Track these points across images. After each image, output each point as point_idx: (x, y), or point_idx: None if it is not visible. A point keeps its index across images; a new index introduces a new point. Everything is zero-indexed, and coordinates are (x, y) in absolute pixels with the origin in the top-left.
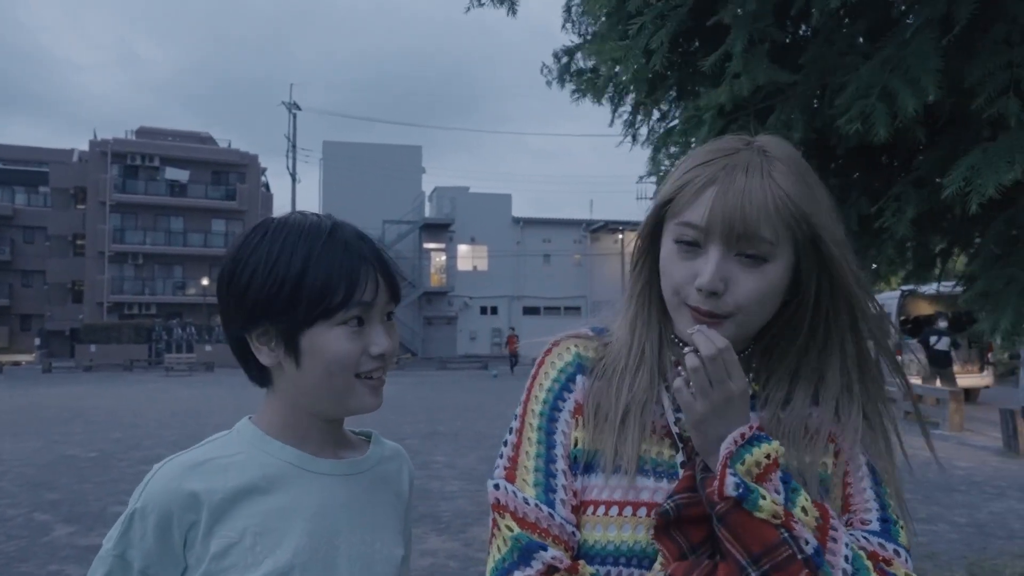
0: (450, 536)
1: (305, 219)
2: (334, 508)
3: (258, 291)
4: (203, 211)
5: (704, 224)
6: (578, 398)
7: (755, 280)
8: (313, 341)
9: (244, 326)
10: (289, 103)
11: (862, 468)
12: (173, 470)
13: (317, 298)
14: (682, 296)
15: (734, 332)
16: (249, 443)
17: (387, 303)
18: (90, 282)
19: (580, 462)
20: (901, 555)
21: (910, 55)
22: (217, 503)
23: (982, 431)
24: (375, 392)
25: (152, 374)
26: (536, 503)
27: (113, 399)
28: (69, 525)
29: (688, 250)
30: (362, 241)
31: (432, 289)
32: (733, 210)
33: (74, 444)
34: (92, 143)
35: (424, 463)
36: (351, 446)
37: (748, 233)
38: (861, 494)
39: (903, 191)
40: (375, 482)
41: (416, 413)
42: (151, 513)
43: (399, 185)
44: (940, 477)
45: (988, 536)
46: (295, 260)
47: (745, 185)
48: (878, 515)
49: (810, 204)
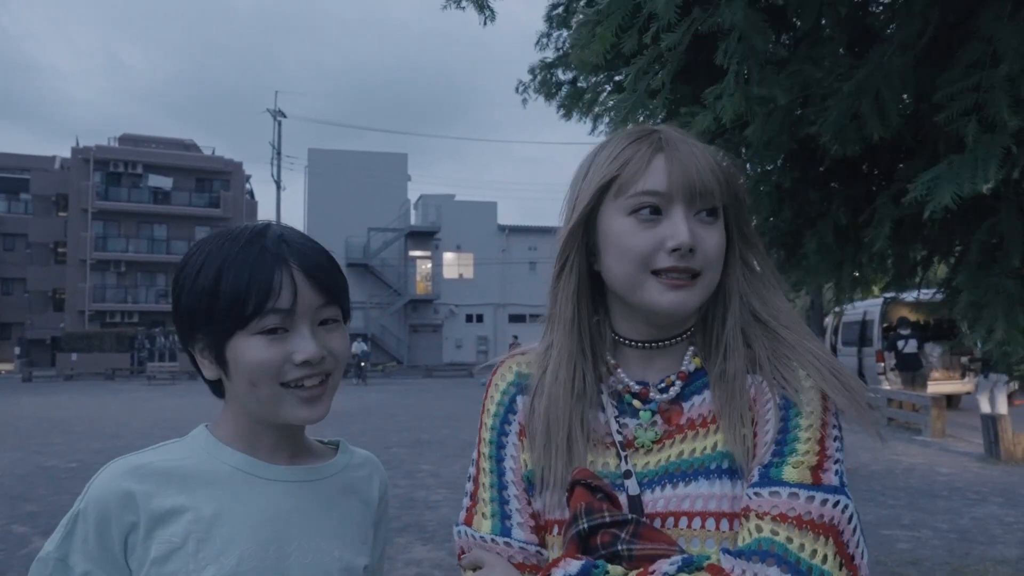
0: (435, 545)
1: (239, 228)
2: (285, 514)
3: (186, 304)
4: (187, 219)
5: (666, 188)
6: (521, 420)
7: (715, 235)
8: (235, 351)
9: (185, 340)
10: (274, 110)
11: (768, 420)
12: (115, 471)
13: (229, 307)
14: (649, 265)
15: (703, 294)
16: (201, 448)
17: (319, 308)
18: (71, 290)
19: (535, 483)
20: (783, 493)
21: (881, 80)
22: (157, 506)
23: (964, 437)
24: (308, 403)
25: (134, 383)
26: (492, 537)
27: (94, 409)
28: (47, 537)
29: (649, 218)
30: (284, 245)
31: (418, 297)
32: (689, 171)
33: (53, 455)
34: (74, 150)
35: (409, 472)
36: (313, 454)
37: (707, 190)
38: (761, 450)
39: (883, 204)
40: (337, 489)
41: (402, 421)
42: (92, 514)
43: (385, 193)
44: (923, 483)
45: (970, 542)
46: (210, 270)
47: (691, 150)
48: (765, 460)
49: (730, 166)
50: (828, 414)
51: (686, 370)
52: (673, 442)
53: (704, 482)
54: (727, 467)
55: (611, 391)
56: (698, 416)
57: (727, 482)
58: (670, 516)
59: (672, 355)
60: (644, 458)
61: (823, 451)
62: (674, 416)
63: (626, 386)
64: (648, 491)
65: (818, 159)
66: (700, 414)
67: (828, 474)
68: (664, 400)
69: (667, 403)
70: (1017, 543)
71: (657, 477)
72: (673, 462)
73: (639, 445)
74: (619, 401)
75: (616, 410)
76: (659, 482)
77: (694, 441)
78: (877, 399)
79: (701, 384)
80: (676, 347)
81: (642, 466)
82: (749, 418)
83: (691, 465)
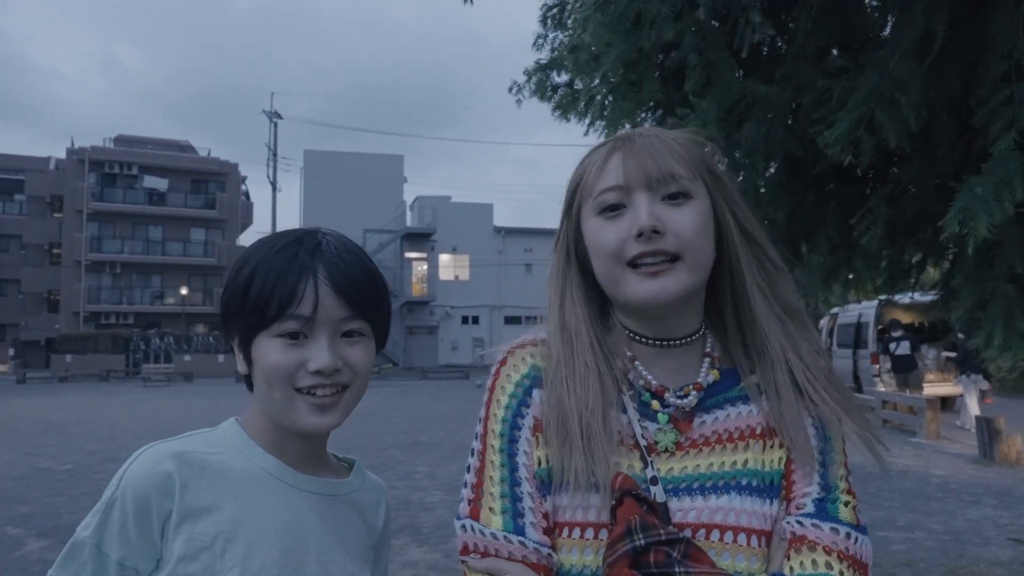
0: (431, 547)
1: (286, 233)
2: (307, 524)
3: (225, 299)
4: (182, 220)
5: (623, 181)
6: (536, 414)
7: (687, 214)
8: (257, 350)
9: (225, 334)
10: (270, 112)
11: (806, 443)
12: (153, 455)
13: (254, 307)
14: (622, 257)
15: (687, 278)
16: (232, 444)
17: (341, 320)
18: (66, 291)
19: (549, 482)
20: (840, 531)
21: (892, 85)
22: (190, 500)
23: (958, 439)
24: (319, 411)
25: (129, 385)
26: (504, 535)
27: (89, 410)
28: (42, 539)
29: (614, 214)
30: (318, 253)
31: (413, 299)
32: (643, 160)
33: (48, 456)
34: (69, 151)
35: (406, 473)
36: (331, 469)
37: (665, 174)
38: (802, 478)
39: (875, 205)
40: (350, 508)
41: (397, 423)
42: (130, 499)
43: (380, 194)
44: (918, 485)
45: (964, 543)
46: (246, 270)
47: (643, 141)
48: (816, 495)
49: (702, 149)
50: (844, 442)
51: (703, 382)
52: (700, 452)
53: (736, 496)
54: (756, 485)
55: (631, 390)
56: (724, 431)
57: (757, 499)
58: (702, 528)
59: (686, 356)
60: (668, 463)
61: (851, 490)
62: (685, 427)
63: (646, 381)
64: (675, 499)
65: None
66: (726, 429)
67: (859, 515)
68: (679, 408)
69: (680, 411)
70: (1011, 544)
71: (684, 486)
72: (703, 473)
73: (661, 449)
74: (639, 402)
75: (638, 412)
76: (687, 492)
77: (723, 455)
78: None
79: (722, 399)
80: (688, 347)
81: (666, 471)
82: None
83: (722, 478)
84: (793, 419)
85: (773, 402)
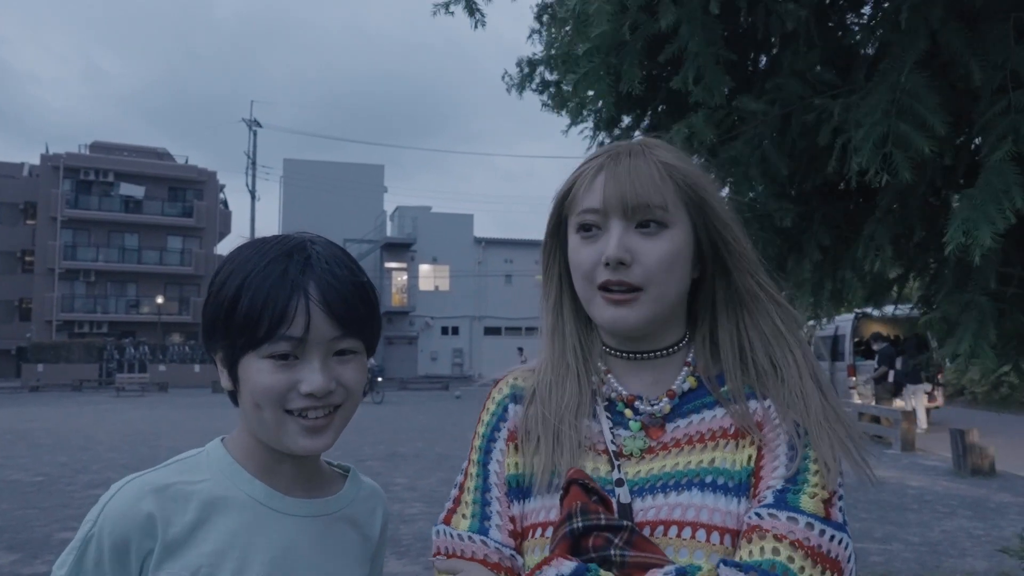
0: (410, 560)
1: (274, 240)
2: (297, 550)
3: (208, 314)
4: (159, 228)
5: (600, 205)
6: (511, 426)
7: (658, 247)
8: (245, 370)
9: (206, 347)
10: (249, 120)
11: (778, 445)
12: (134, 491)
13: (243, 327)
14: (593, 280)
15: (648, 310)
16: (218, 469)
17: (333, 340)
18: (39, 299)
19: (520, 487)
20: (799, 520)
21: (908, 96)
22: (174, 535)
23: (933, 451)
24: (310, 433)
25: (103, 394)
26: (468, 535)
27: (60, 420)
28: (12, 553)
29: (590, 235)
30: (308, 270)
31: (393, 309)
32: (623, 185)
33: (18, 468)
34: (43, 157)
35: (384, 485)
36: (325, 481)
37: (640, 203)
38: (769, 472)
39: (876, 231)
40: (343, 524)
41: (376, 434)
42: (107, 537)
43: (360, 204)
44: (894, 497)
45: (940, 555)
46: (233, 284)
47: (630, 164)
48: (778, 486)
49: (692, 172)
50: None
51: (677, 389)
52: (668, 454)
53: (697, 492)
54: (723, 483)
55: (606, 401)
56: (695, 432)
57: (721, 496)
58: (660, 524)
59: (664, 368)
60: (635, 467)
61: (831, 487)
62: (656, 432)
63: (618, 394)
64: (639, 499)
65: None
66: (698, 431)
67: (835, 510)
68: (650, 414)
69: (651, 418)
70: (986, 555)
71: (648, 486)
72: (667, 472)
73: (628, 453)
74: (613, 412)
75: (611, 421)
76: (650, 491)
77: (690, 455)
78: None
79: (699, 404)
80: (668, 359)
81: (633, 474)
82: (756, 439)
83: (684, 476)
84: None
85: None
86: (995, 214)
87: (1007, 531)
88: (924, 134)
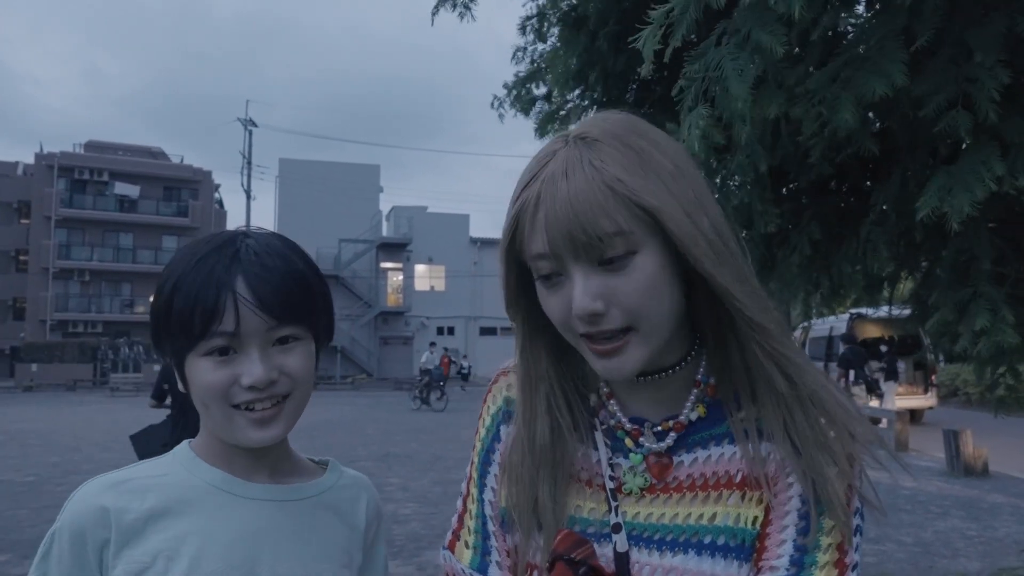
0: (403, 560)
1: (205, 240)
2: (259, 535)
3: (152, 317)
4: (154, 227)
5: (548, 250)
6: (503, 449)
7: (631, 280)
8: (190, 370)
9: (157, 351)
10: (245, 119)
11: (788, 504)
12: (93, 488)
13: (179, 328)
14: (572, 330)
15: (643, 351)
16: (180, 464)
17: (270, 330)
18: (32, 299)
19: (510, 520)
20: None
21: (875, 53)
22: (129, 523)
23: (926, 451)
24: (259, 425)
25: (97, 395)
26: (470, 571)
27: (53, 421)
28: (2, 553)
29: (552, 282)
30: (236, 263)
31: (388, 309)
32: (567, 223)
33: (9, 468)
34: (38, 156)
35: (378, 485)
36: (298, 472)
37: (592, 239)
38: (777, 539)
39: (871, 232)
40: (318, 510)
41: (370, 435)
42: (66, 532)
43: (356, 204)
44: (887, 497)
45: (934, 555)
46: (167, 287)
47: (568, 190)
48: (788, 559)
49: (638, 182)
50: (852, 511)
51: (685, 420)
52: (669, 499)
53: (695, 556)
54: (723, 543)
55: (605, 427)
56: (699, 475)
57: (721, 560)
58: None
59: (673, 384)
60: (635, 507)
61: (842, 560)
62: (663, 470)
63: (618, 422)
64: (635, 549)
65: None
66: (702, 473)
67: (847, 571)
68: (655, 450)
69: (656, 454)
70: (979, 556)
71: (647, 536)
72: (666, 524)
73: (627, 491)
74: (613, 438)
75: (609, 450)
76: (647, 543)
77: (692, 505)
78: None
79: (707, 436)
80: (677, 375)
81: (632, 516)
82: (766, 498)
83: (684, 532)
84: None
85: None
86: (973, 181)
87: (1000, 532)
88: (882, 82)
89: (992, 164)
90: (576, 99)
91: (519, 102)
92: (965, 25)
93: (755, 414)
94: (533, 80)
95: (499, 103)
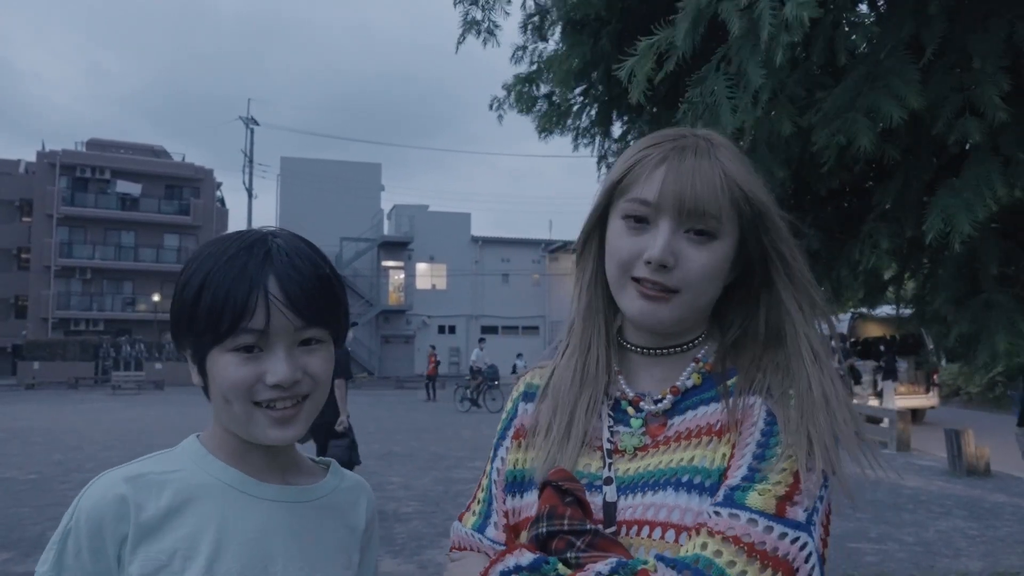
0: (404, 559)
1: (234, 237)
2: (273, 535)
3: (175, 312)
4: (155, 226)
5: (655, 200)
6: (518, 423)
7: (704, 256)
8: (213, 365)
9: (176, 345)
10: (246, 118)
11: (747, 444)
12: (107, 482)
13: (206, 322)
14: (629, 271)
15: (680, 312)
16: (191, 460)
17: (297, 330)
18: (34, 297)
19: (517, 481)
20: (741, 517)
21: (886, 71)
22: (147, 519)
23: (928, 451)
24: (279, 424)
25: (98, 392)
26: (470, 532)
27: (55, 419)
28: (5, 551)
29: (637, 226)
30: (268, 263)
31: (390, 307)
32: (683, 187)
33: (11, 466)
34: (40, 154)
35: (379, 484)
36: (303, 473)
37: (697, 210)
38: (732, 472)
39: (874, 228)
40: (323, 512)
41: (371, 433)
42: (84, 526)
43: (358, 202)
44: (889, 496)
45: (935, 555)
46: (195, 282)
47: (695, 164)
48: (732, 484)
49: (753, 185)
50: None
51: (681, 386)
52: (658, 451)
53: (672, 492)
54: (699, 482)
55: (611, 401)
56: (685, 429)
57: (695, 496)
58: (635, 524)
59: (675, 364)
60: (627, 464)
61: (796, 483)
62: (656, 430)
63: (623, 393)
64: (623, 498)
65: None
66: (688, 428)
67: (796, 508)
68: (653, 412)
69: (653, 415)
70: (980, 555)
71: (633, 484)
72: (650, 471)
73: (622, 449)
74: (616, 410)
75: (612, 419)
76: (632, 489)
77: (674, 452)
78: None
79: (697, 400)
80: (681, 356)
81: (623, 472)
82: (733, 438)
83: (664, 475)
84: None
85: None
86: (975, 202)
87: (1002, 531)
88: (897, 105)
89: (994, 182)
90: (578, 98)
91: (520, 101)
92: (965, 31)
93: (749, 383)
94: (533, 81)
95: (498, 104)
